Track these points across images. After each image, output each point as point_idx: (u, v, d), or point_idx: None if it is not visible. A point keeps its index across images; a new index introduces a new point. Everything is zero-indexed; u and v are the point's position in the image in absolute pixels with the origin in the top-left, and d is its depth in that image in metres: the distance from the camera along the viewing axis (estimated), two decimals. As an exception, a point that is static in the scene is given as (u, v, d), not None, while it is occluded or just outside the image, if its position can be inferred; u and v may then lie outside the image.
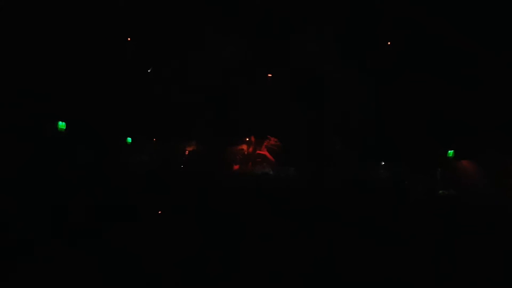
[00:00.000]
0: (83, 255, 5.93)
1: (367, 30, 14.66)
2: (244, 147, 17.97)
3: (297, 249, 6.91)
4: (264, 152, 17.85)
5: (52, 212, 7.10)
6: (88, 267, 5.65)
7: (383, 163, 17.13)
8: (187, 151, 17.50)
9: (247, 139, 18.03)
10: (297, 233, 7.63)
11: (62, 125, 14.41)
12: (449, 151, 16.30)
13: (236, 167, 17.52)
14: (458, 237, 8.21)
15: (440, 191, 14.87)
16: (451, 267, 6.87)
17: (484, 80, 13.88)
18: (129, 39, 15.69)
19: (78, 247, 6.16)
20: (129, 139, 16.83)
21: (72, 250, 6.05)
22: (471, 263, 6.82)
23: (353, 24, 14.50)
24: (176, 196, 8.41)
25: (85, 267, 5.64)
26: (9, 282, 5.22)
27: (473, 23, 13.06)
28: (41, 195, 7.63)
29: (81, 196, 7.70)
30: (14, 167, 8.98)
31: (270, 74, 17.12)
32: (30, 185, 7.99)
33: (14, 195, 7.49)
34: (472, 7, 12.81)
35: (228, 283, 5.90)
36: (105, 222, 6.99)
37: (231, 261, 6.39)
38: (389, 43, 15.40)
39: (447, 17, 13.35)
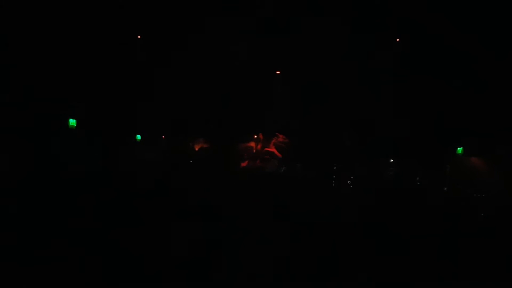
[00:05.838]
0: (86, 256, 6.01)
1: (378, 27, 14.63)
2: (253, 144, 17.99)
3: (301, 250, 6.94)
4: (272, 149, 17.85)
5: (56, 212, 7.18)
6: (91, 268, 5.73)
7: (391, 160, 17.05)
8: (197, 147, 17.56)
9: (255, 137, 18.04)
10: (301, 233, 7.65)
11: (73, 122, 14.57)
12: (458, 148, 16.19)
13: (243, 164, 17.56)
14: (465, 237, 8.15)
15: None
16: (457, 268, 6.84)
17: (494, 80, 13.76)
18: (139, 36, 15.80)
19: (81, 248, 6.22)
20: (138, 137, 16.99)
21: (75, 251, 6.12)
22: (477, 264, 6.78)
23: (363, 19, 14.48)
24: (181, 196, 8.46)
25: (88, 269, 5.72)
26: (11, 282, 5.29)
27: (483, 23, 12.94)
28: (46, 194, 7.71)
29: (85, 196, 7.78)
30: (18, 167, 9.07)
31: (278, 71, 17.14)
32: (35, 185, 8.07)
33: (18, 194, 7.57)
34: (481, 7, 12.70)
35: (232, 284, 5.94)
36: (109, 223, 7.06)
37: (235, 263, 6.43)
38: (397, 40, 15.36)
39: (457, 17, 13.25)
